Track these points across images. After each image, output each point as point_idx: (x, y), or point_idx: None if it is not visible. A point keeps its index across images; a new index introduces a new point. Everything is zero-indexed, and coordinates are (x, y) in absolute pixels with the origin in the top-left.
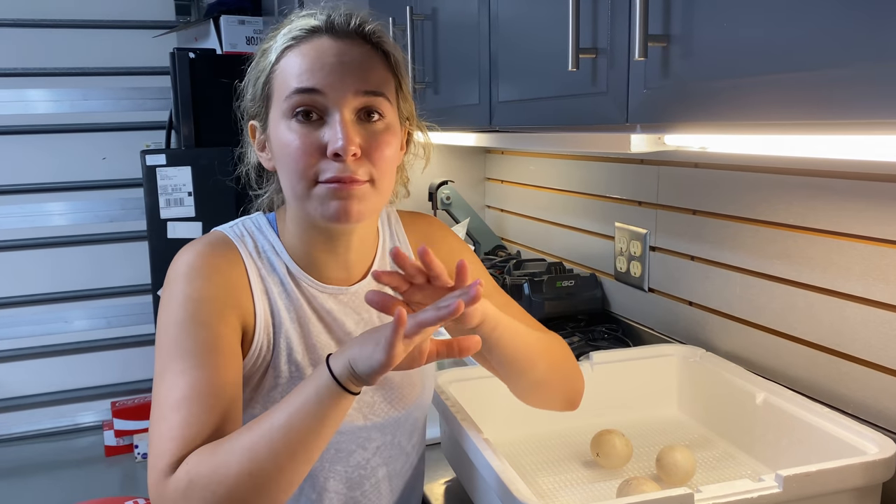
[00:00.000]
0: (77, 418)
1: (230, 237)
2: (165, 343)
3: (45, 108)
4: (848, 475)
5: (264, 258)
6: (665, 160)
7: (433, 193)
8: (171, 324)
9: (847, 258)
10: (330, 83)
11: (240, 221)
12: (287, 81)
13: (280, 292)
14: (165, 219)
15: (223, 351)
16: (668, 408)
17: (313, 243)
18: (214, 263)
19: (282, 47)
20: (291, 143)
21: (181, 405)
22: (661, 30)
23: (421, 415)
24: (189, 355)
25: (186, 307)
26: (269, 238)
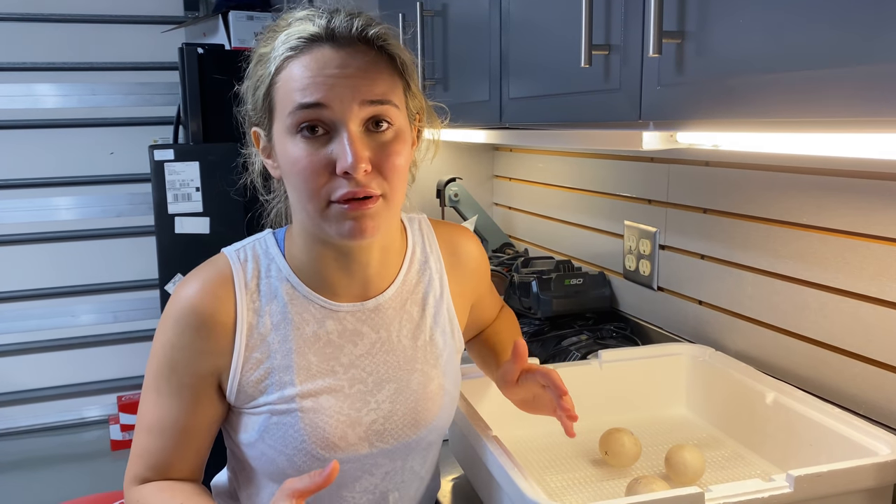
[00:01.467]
0: (83, 412)
1: (231, 264)
2: (150, 370)
3: (53, 102)
4: (859, 476)
5: (265, 286)
6: (675, 158)
7: (441, 190)
8: (156, 357)
9: (860, 258)
10: (334, 96)
11: (249, 243)
12: (290, 95)
13: (279, 322)
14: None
15: (188, 398)
16: (677, 407)
17: (325, 259)
18: (201, 309)
19: (281, 57)
20: (299, 161)
21: (150, 431)
22: (676, 26)
23: (437, 438)
24: (164, 392)
25: (166, 349)
26: (275, 260)
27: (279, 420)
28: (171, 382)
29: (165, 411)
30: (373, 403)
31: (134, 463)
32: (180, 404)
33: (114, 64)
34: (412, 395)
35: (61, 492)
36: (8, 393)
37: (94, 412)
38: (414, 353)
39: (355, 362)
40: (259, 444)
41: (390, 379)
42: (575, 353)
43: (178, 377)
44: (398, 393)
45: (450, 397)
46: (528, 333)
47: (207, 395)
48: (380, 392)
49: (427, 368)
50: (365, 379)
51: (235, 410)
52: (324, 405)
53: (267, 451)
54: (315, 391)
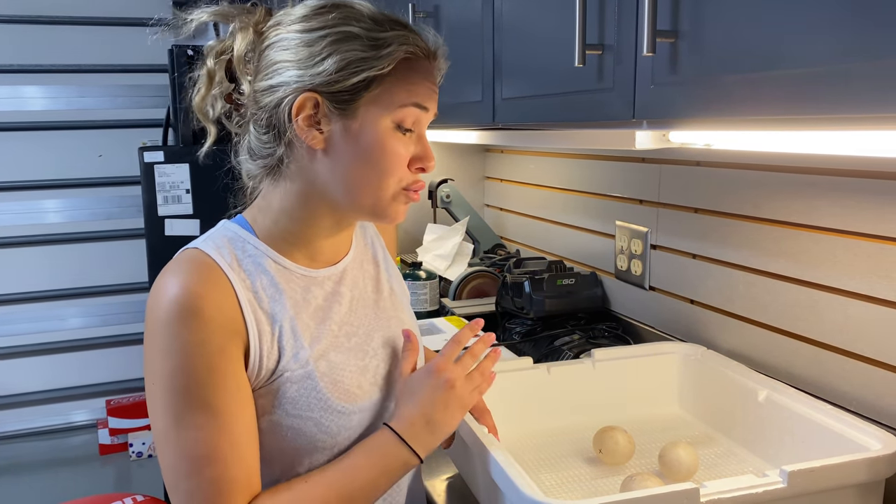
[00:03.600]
0: (71, 416)
1: (208, 253)
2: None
3: (41, 104)
4: (852, 471)
5: (247, 264)
6: (667, 158)
7: (433, 192)
8: (177, 371)
9: (851, 256)
10: (434, 105)
11: (210, 235)
12: (407, 90)
13: (273, 294)
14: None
15: (235, 390)
16: (670, 405)
17: (318, 230)
18: (203, 294)
19: (402, 55)
20: (396, 152)
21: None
22: (670, 26)
23: None
24: (204, 406)
25: (189, 352)
26: (248, 241)
27: (300, 387)
28: (213, 386)
29: (220, 422)
30: (371, 351)
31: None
32: (232, 401)
33: (102, 66)
34: (399, 339)
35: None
36: None
37: (82, 416)
38: (383, 303)
39: (345, 319)
40: (284, 419)
41: (376, 328)
42: (567, 353)
43: (218, 374)
44: (387, 339)
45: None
46: (521, 333)
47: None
48: (372, 340)
49: (398, 314)
50: (357, 332)
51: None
52: (335, 361)
53: (294, 422)
54: (323, 350)
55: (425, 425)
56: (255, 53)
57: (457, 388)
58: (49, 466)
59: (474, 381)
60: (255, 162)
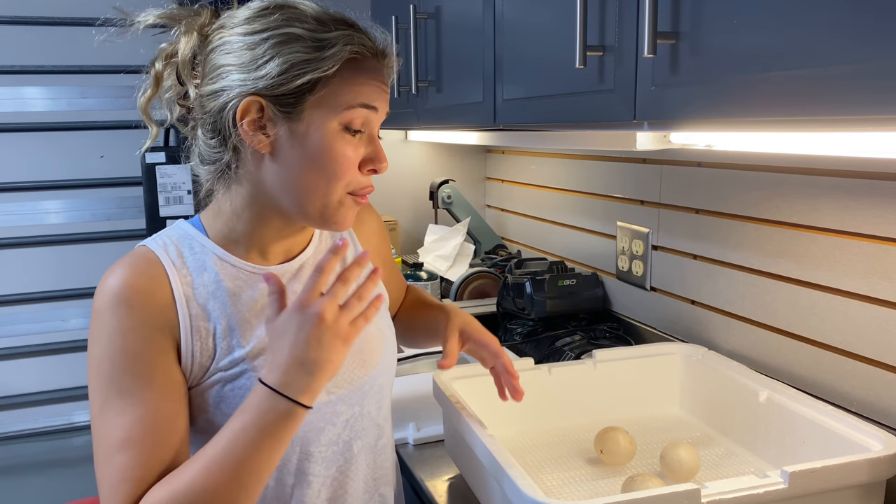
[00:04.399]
0: (73, 417)
1: (153, 249)
2: (99, 379)
3: (42, 105)
4: (853, 472)
5: (191, 261)
6: (668, 159)
7: (434, 192)
8: (103, 358)
9: (851, 256)
10: (382, 104)
11: (162, 233)
12: (353, 91)
13: (214, 291)
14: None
15: (159, 381)
16: (671, 406)
17: (268, 229)
18: (137, 285)
19: (347, 55)
20: (343, 154)
21: (127, 445)
22: (670, 27)
23: (386, 381)
24: (126, 392)
25: (114, 340)
26: (197, 239)
27: (234, 386)
28: (136, 371)
29: (140, 408)
30: None
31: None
32: (152, 393)
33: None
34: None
35: (50, 497)
36: None
37: (83, 417)
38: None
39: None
40: (217, 417)
41: None
42: (569, 354)
43: (141, 361)
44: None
45: (389, 340)
46: (522, 334)
47: (175, 371)
48: None
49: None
50: None
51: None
52: None
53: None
54: (262, 349)
55: (299, 367)
56: (201, 57)
57: (327, 319)
58: (51, 467)
59: (352, 310)
60: (204, 167)
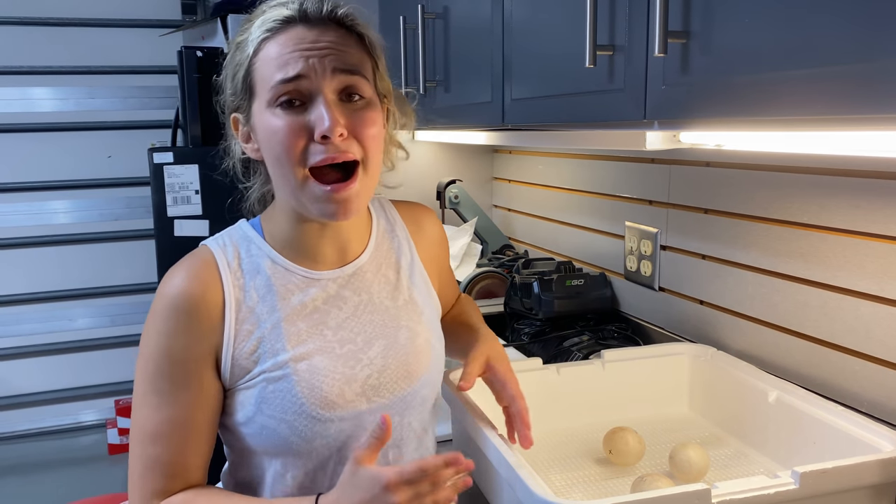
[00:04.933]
0: (80, 416)
1: (213, 250)
2: (143, 372)
3: (50, 106)
4: (864, 472)
5: (247, 263)
6: (677, 159)
7: (441, 192)
8: (149, 356)
9: (861, 256)
10: (309, 68)
11: (225, 232)
12: (268, 72)
13: (265, 294)
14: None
15: (194, 389)
16: (679, 406)
17: (308, 231)
18: (190, 293)
19: (258, 39)
20: (279, 130)
21: (156, 440)
22: (681, 26)
23: (430, 393)
24: (163, 392)
25: (161, 342)
26: (254, 241)
27: (275, 387)
28: (173, 376)
29: (171, 410)
30: (365, 360)
31: (146, 479)
32: (186, 397)
33: (111, 67)
34: (402, 350)
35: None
36: (5, 397)
37: (91, 416)
38: (397, 311)
39: (342, 324)
40: (258, 417)
41: (378, 336)
42: (577, 354)
43: (180, 367)
44: (388, 348)
45: (437, 352)
46: (530, 334)
47: (209, 380)
48: (370, 349)
49: (412, 325)
50: (354, 339)
51: (230, 392)
52: (317, 365)
53: (267, 422)
54: (307, 353)
55: None
56: None
57: None
58: (58, 466)
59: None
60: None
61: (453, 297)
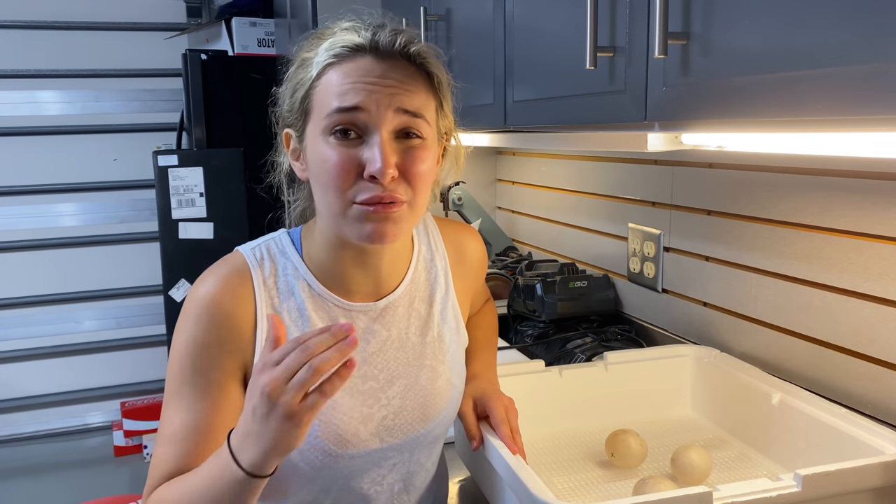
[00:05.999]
0: (86, 418)
1: (248, 262)
2: (170, 374)
3: (56, 109)
4: (867, 475)
5: (282, 283)
6: (679, 160)
7: (444, 194)
8: (179, 358)
9: (865, 258)
10: (371, 101)
11: (264, 242)
12: (328, 99)
13: (297, 319)
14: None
15: (216, 398)
16: (682, 408)
17: (343, 259)
18: (223, 304)
19: (324, 63)
20: (329, 160)
21: (171, 441)
22: (681, 27)
23: (442, 432)
24: (185, 397)
25: (190, 348)
26: (291, 259)
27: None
28: (196, 383)
29: (189, 415)
30: (384, 400)
31: (156, 475)
32: (205, 405)
33: (117, 71)
34: (421, 391)
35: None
36: (11, 399)
37: (97, 418)
38: (423, 349)
39: (368, 360)
40: None
41: (401, 375)
42: (580, 356)
43: (204, 376)
44: (408, 389)
45: (456, 391)
46: (533, 336)
47: (233, 393)
48: (391, 388)
49: (435, 364)
50: (377, 376)
51: None
52: (337, 402)
53: None
54: None
55: (246, 438)
56: None
57: (271, 394)
58: (64, 468)
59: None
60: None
61: (480, 303)
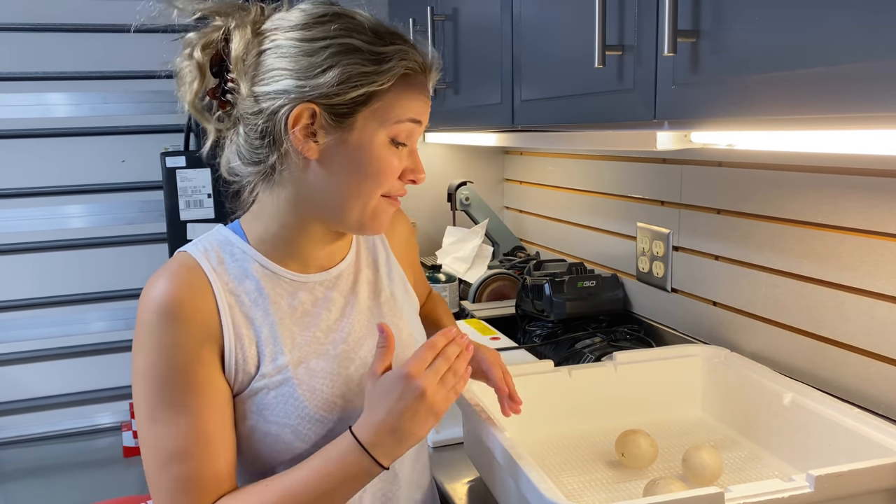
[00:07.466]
0: (96, 419)
1: (195, 256)
2: (145, 389)
3: (64, 111)
4: (880, 475)
5: (233, 268)
6: (688, 159)
7: (452, 194)
8: (149, 370)
9: (878, 256)
10: (426, 118)
11: (203, 239)
12: (404, 106)
13: (256, 298)
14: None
15: (206, 392)
16: (692, 408)
17: (307, 238)
18: (180, 298)
19: (401, 71)
20: (390, 163)
21: (182, 457)
22: (691, 25)
23: None
24: (174, 405)
25: (160, 353)
26: (237, 245)
27: (277, 393)
28: (181, 384)
29: (188, 420)
30: (358, 360)
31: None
32: (199, 403)
33: (125, 72)
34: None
35: (74, 498)
36: (21, 400)
37: (106, 419)
38: (379, 309)
39: (333, 326)
40: (261, 425)
41: (367, 335)
42: (589, 356)
43: (186, 374)
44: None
45: (418, 344)
46: (542, 336)
47: (219, 382)
48: (361, 348)
49: (395, 321)
50: (346, 339)
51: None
52: (315, 369)
53: (271, 429)
54: (304, 357)
55: (390, 434)
56: (252, 56)
57: (428, 395)
58: (74, 469)
59: (447, 385)
60: (246, 167)
61: (424, 294)
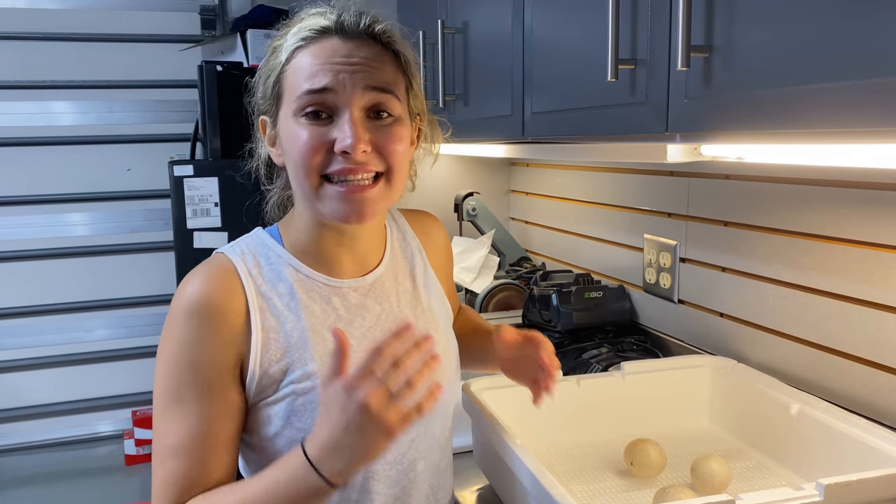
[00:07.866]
0: (97, 427)
1: (231, 258)
2: (163, 382)
3: (71, 119)
4: (889, 485)
5: (267, 271)
6: (696, 171)
7: (459, 205)
8: (170, 363)
9: (884, 269)
10: (339, 82)
11: (240, 241)
12: (297, 81)
13: (289, 303)
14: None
15: (217, 399)
16: (699, 419)
17: (324, 239)
18: (212, 298)
19: (292, 47)
20: (300, 138)
21: (179, 453)
22: (704, 40)
23: (451, 400)
24: (185, 403)
25: (182, 350)
26: (273, 249)
27: (305, 400)
28: (196, 385)
29: (194, 420)
30: None
31: (166, 493)
32: (209, 407)
33: (132, 82)
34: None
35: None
36: (23, 408)
37: (108, 427)
38: (416, 321)
39: (366, 334)
40: (287, 431)
41: None
42: (596, 366)
43: (203, 375)
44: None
45: (454, 358)
46: None
47: (234, 392)
48: None
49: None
50: None
51: (255, 407)
52: None
53: (296, 435)
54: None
55: (335, 450)
56: None
57: (373, 410)
58: (75, 477)
59: (402, 401)
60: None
61: (455, 307)
